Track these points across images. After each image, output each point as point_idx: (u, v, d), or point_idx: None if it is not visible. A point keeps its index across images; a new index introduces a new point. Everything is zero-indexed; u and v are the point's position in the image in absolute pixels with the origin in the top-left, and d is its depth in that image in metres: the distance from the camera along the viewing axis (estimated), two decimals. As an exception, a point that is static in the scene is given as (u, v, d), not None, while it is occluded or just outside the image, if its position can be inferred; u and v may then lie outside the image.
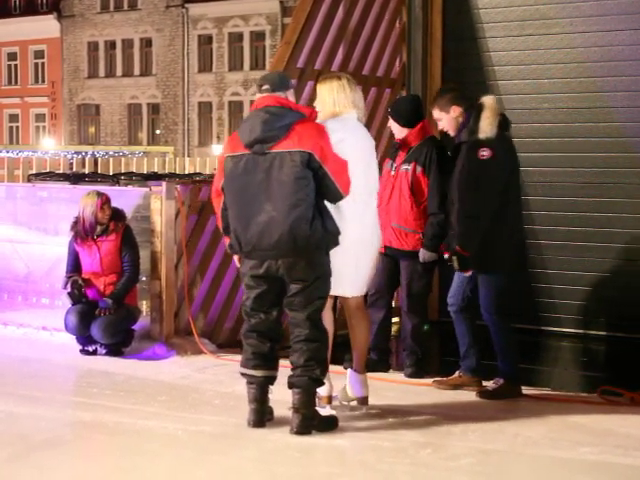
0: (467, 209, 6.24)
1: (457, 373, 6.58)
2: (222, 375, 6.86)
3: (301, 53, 9.04)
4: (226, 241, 5.70)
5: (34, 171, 12.40)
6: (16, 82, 51.55)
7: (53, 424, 5.75)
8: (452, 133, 6.47)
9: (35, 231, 8.64)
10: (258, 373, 5.50)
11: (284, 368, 6.68)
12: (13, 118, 52.00)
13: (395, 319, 10.04)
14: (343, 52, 9.56)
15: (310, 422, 5.37)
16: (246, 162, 5.39)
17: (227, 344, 7.96)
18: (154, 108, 47.20)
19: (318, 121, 5.57)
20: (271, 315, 5.52)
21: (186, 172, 14.18)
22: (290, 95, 5.53)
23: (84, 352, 7.50)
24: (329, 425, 5.46)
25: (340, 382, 6.00)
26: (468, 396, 6.33)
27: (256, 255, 5.41)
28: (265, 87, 5.48)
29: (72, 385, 6.77)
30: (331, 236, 5.42)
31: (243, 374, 5.57)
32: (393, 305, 7.67)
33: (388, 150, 9.36)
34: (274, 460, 5.00)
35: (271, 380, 5.56)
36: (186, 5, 44.55)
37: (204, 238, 8.05)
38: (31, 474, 4.78)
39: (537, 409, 6.00)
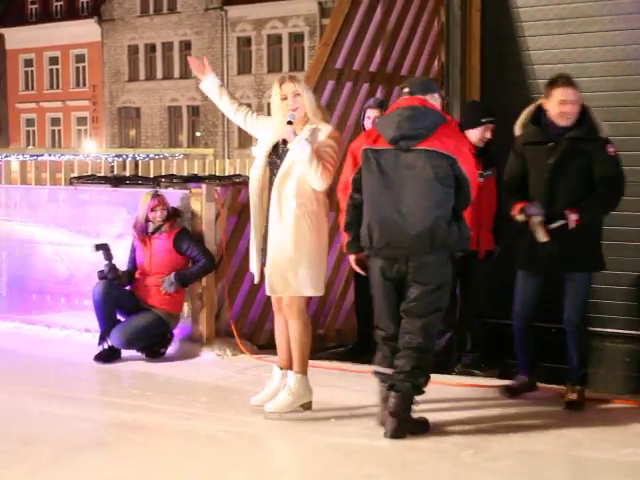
0: (610, 206, 6.08)
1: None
2: (263, 376, 6.85)
3: (339, 54, 9.05)
4: (344, 239, 5.72)
5: (76, 174, 12.51)
6: (58, 86, 52.05)
7: (95, 425, 5.80)
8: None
9: (76, 233, 8.69)
10: (385, 371, 5.54)
11: (322, 369, 6.70)
12: (55, 122, 52.50)
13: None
14: (381, 53, 9.55)
15: (404, 426, 5.35)
16: (388, 157, 5.43)
17: (267, 345, 7.96)
18: (194, 110, 47.42)
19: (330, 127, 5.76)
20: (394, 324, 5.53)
21: (226, 174, 14.24)
22: (431, 99, 5.58)
23: (98, 356, 7.40)
24: (422, 428, 5.44)
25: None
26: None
27: (387, 252, 5.41)
28: (406, 90, 5.61)
29: (114, 386, 6.81)
30: (464, 242, 5.47)
31: (377, 372, 5.60)
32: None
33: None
34: (315, 461, 5.01)
35: None
36: (225, 7, 44.73)
37: (244, 239, 8.06)
38: (73, 475, 4.82)
39: (580, 410, 5.94)
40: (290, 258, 5.66)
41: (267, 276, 5.76)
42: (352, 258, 5.70)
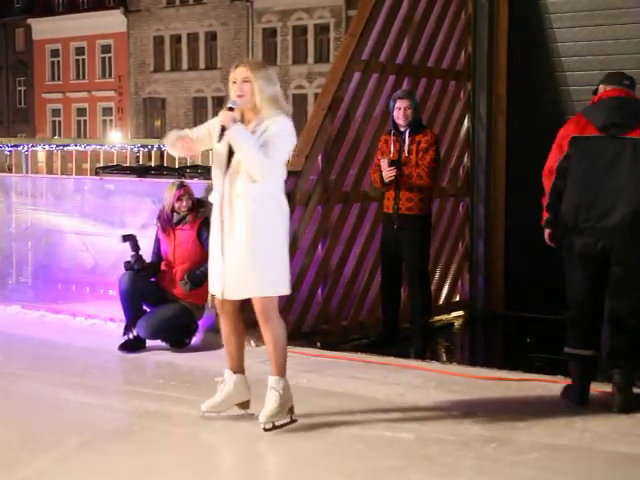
0: None
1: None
2: (287, 367, 6.86)
3: (366, 45, 9.02)
4: (544, 216, 6.02)
5: (101, 164, 12.58)
6: (84, 76, 52.27)
7: (120, 414, 5.83)
8: None
9: (102, 223, 8.73)
10: (589, 352, 5.78)
11: (346, 360, 6.70)
12: (81, 112, 52.75)
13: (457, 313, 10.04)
14: (408, 44, 9.51)
15: (632, 401, 5.66)
16: (597, 144, 5.74)
17: (291, 336, 7.93)
18: (219, 101, 47.45)
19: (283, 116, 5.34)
20: (599, 298, 5.77)
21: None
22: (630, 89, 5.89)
23: (123, 346, 7.44)
24: None
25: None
26: (532, 390, 6.27)
27: (592, 232, 5.72)
28: (626, 82, 5.90)
29: (138, 376, 6.83)
30: None
31: (572, 355, 5.82)
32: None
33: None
34: (339, 452, 5.00)
35: (597, 360, 5.85)
36: (251, -1, 44.77)
37: (268, 230, 8.06)
38: (100, 463, 4.84)
39: (605, 404, 5.91)
40: (245, 259, 5.27)
41: (224, 279, 5.36)
42: (548, 232, 6.06)
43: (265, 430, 5.24)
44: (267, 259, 5.29)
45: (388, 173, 7.93)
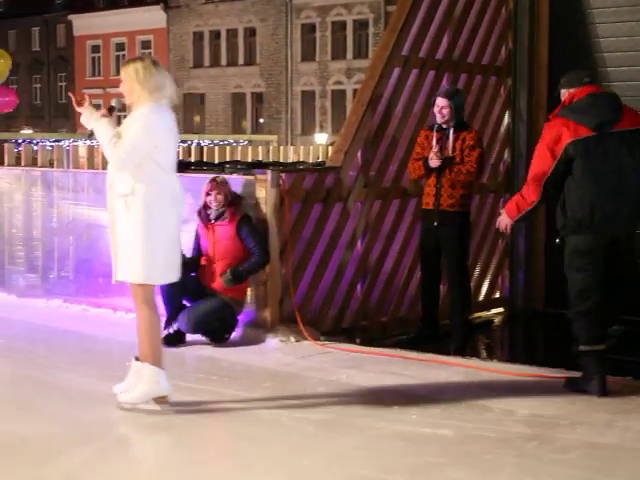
0: None
1: None
2: (326, 363, 6.88)
3: (406, 40, 9.01)
4: (520, 210, 6.14)
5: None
6: (124, 72, 52.54)
7: (160, 407, 5.85)
8: None
9: (142, 218, 8.74)
10: (603, 346, 5.93)
11: (385, 356, 6.71)
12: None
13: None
14: (448, 39, 9.49)
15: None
16: (597, 144, 5.87)
17: (331, 332, 7.98)
18: (258, 97, 47.59)
19: (145, 107, 5.54)
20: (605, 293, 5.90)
21: (289, 160, 14.27)
22: None
23: (164, 340, 7.46)
24: None
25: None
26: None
27: (606, 228, 5.88)
28: (587, 80, 6.12)
29: (179, 370, 6.84)
30: None
31: (589, 352, 5.93)
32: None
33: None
34: (378, 448, 5.00)
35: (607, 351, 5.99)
36: (290, -6, 44.80)
37: (308, 226, 8.08)
38: (141, 456, 4.89)
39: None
40: (119, 246, 5.62)
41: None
42: (510, 224, 6.23)
43: (120, 407, 5.60)
44: (127, 249, 5.58)
45: (435, 161, 7.91)
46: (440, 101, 8.02)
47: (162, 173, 5.58)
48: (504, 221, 6.24)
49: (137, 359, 5.74)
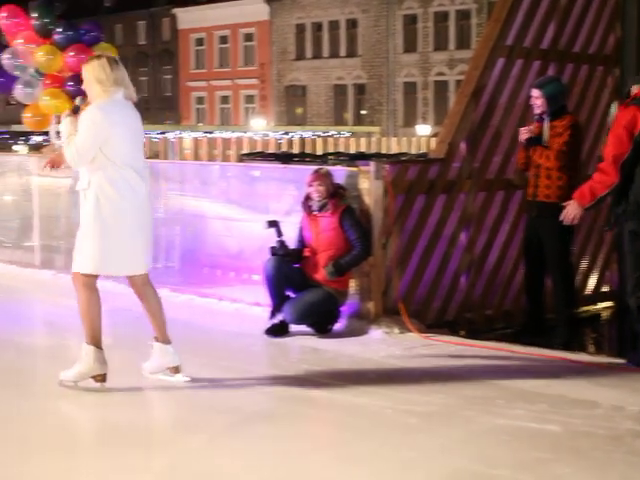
0: None
1: None
2: (430, 355, 6.85)
3: (510, 30, 8.90)
4: (595, 195, 6.40)
5: (245, 151, 12.74)
6: (227, 65, 53.10)
7: (265, 397, 5.91)
8: None
9: (246, 209, 8.84)
10: None
11: (490, 350, 6.64)
12: (224, 100, 53.65)
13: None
14: (554, 29, 9.34)
15: None
16: None
17: (435, 324, 7.94)
18: (359, 89, 47.58)
19: (94, 104, 5.81)
20: None
21: (392, 152, 14.25)
22: None
23: (268, 330, 7.54)
24: None
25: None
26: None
27: None
28: None
29: (283, 360, 6.91)
30: None
31: None
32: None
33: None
34: (482, 442, 4.95)
35: None
36: (392, -15, 44.63)
37: (411, 217, 8.06)
38: (248, 445, 4.92)
39: None
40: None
41: None
42: (579, 211, 6.53)
43: (61, 384, 5.87)
44: (84, 241, 5.85)
45: (524, 134, 7.83)
46: (533, 92, 7.94)
47: (114, 167, 5.79)
48: (573, 211, 6.34)
49: (156, 339, 6.09)
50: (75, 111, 5.96)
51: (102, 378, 5.89)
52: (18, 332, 7.59)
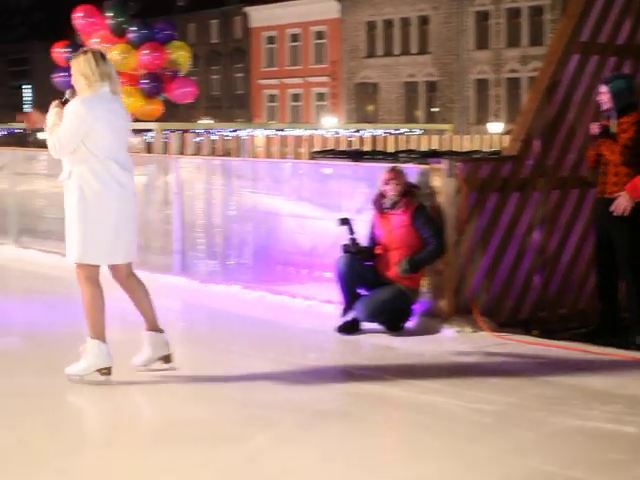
0: None
1: None
2: (502, 354, 6.80)
3: (585, 26, 8.77)
4: None
5: (316, 149, 12.76)
6: (298, 63, 53.25)
7: (336, 394, 5.93)
8: None
9: (318, 207, 8.85)
10: None
11: (565, 350, 6.56)
12: (295, 97, 53.81)
13: None
14: (630, 24, 9.18)
15: None
16: None
17: (508, 323, 7.87)
18: (431, 86, 47.36)
19: (78, 97, 5.95)
20: None
21: (464, 150, 14.16)
22: None
23: (341, 328, 7.54)
24: None
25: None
26: None
27: None
28: None
29: (355, 358, 6.92)
30: None
31: None
32: None
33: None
34: (556, 443, 4.90)
35: None
36: (464, -18, 44.32)
37: (484, 216, 8.00)
38: (317, 443, 4.93)
39: None
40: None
41: None
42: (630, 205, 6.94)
43: (69, 379, 5.94)
44: (69, 232, 6.00)
45: (595, 128, 7.74)
46: (600, 88, 7.85)
47: (96, 159, 5.93)
48: (624, 202, 6.51)
49: (146, 329, 6.18)
50: (64, 103, 6.09)
51: (107, 371, 6.01)
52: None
